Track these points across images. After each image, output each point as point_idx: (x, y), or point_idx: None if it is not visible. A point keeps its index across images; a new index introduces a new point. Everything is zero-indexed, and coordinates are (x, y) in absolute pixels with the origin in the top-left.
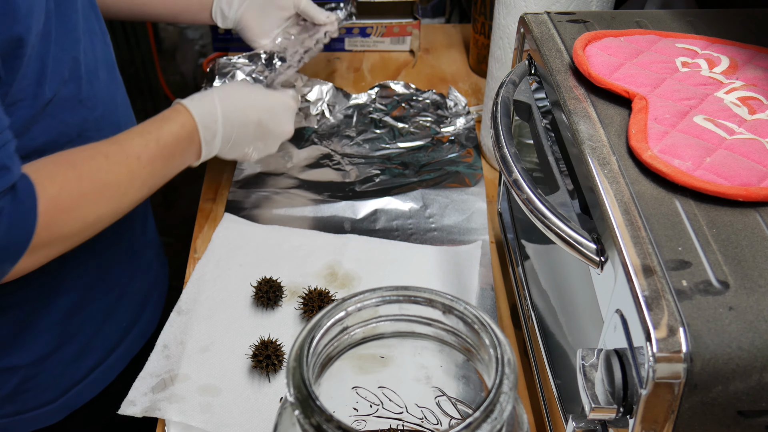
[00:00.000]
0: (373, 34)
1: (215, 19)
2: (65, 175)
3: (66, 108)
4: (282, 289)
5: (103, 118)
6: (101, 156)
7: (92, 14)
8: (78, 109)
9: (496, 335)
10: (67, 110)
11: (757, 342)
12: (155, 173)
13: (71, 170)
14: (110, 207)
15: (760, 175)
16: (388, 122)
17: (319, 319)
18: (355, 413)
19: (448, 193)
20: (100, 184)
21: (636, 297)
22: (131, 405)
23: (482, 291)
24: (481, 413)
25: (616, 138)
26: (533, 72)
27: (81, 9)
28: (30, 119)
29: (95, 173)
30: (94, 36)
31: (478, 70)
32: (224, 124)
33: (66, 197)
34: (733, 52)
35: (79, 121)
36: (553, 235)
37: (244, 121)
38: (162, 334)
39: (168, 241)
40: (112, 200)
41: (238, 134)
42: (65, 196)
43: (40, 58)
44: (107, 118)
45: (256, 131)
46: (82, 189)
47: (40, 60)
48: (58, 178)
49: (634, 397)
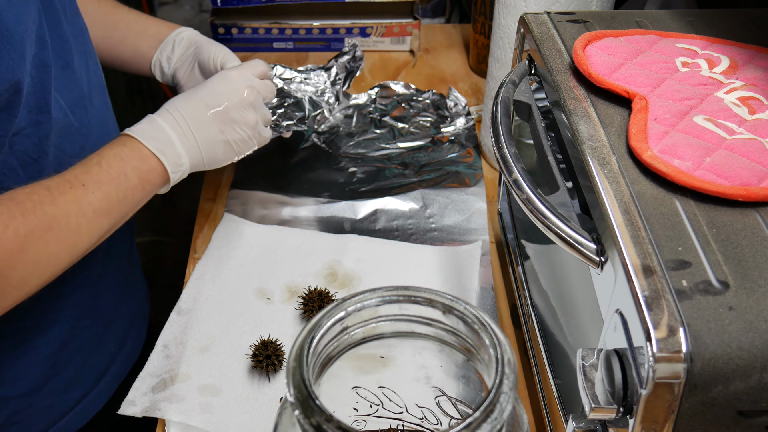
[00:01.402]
0: (373, 34)
1: (154, 72)
2: (9, 212)
3: (64, 136)
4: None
5: (97, 145)
6: (43, 189)
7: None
8: (76, 136)
9: (496, 335)
10: (66, 138)
11: (757, 342)
12: (109, 198)
13: (15, 206)
14: (63, 245)
15: (760, 175)
16: (388, 122)
17: (319, 319)
18: (355, 413)
19: (448, 193)
20: (47, 218)
21: (636, 297)
22: (131, 405)
23: (482, 291)
24: (481, 413)
25: (616, 138)
26: (533, 72)
27: (73, 36)
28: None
29: (40, 206)
30: (90, 59)
31: (478, 70)
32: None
33: (12, 237)
34: (733, 52)
35: (78, 150)
36: (553, 235)
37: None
38: (162, 334)
39: (168, 241)
40: (64, 236)
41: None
42: (11, 235)
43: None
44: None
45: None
46: (29, 225)
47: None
48: (2, 217)
49: (634, 397)
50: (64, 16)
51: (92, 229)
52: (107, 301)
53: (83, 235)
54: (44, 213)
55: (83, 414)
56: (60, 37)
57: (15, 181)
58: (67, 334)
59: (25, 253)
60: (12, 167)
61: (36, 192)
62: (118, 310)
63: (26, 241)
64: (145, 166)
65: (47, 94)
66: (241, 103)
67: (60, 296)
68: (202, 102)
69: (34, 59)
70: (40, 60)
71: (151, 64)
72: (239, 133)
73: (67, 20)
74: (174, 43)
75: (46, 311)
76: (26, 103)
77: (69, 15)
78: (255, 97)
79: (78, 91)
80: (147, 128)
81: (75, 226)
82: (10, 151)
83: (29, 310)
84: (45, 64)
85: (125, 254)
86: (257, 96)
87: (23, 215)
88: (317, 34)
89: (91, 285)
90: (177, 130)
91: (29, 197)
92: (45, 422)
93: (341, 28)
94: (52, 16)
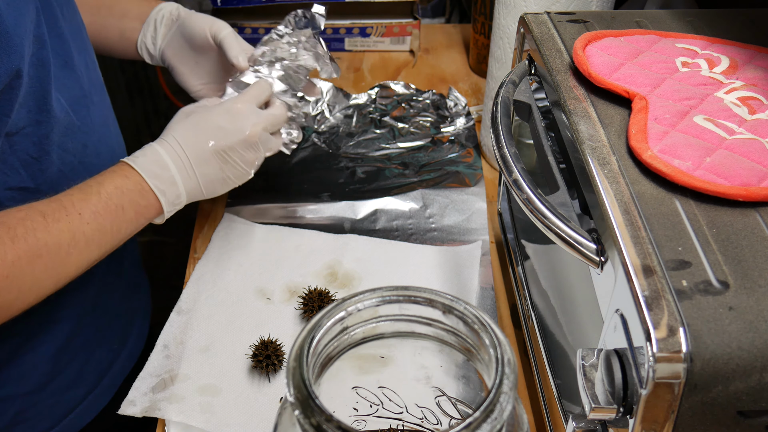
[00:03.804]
0: (373, 34)
1: (141, 55)
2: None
3: (67, 135)
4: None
5: (99, 143)
6: (38, 215)
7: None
8: (78, 135)
9: (496, 335)
10: (68, 137)
11: (757, 342)
12: (103, 230)
13: (4, 231)
14: (50, 272)
15: (760, 175)
16: (388, 122)
17: (319, 319)
18: (355, 413)
19: (448, 193)
20: (38, 245)
21: (636, 297)
22: (131, 405)
23: (482, 291)
24: (481, 413)
25: (616, 138)
26: (533, 72)
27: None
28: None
29: (32, 233)
30: (88, 57)
31: (478, 70)
32: (178, 167)
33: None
34: (733, 52)
35: (80, 148)
36: (553, 235)
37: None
38: (162, 334)
39: (168, 241)
40: (53, 264)
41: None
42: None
43: (40, 84)
44: (103, 142)
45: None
46: (17, 251)
47: (40, 86)
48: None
49: (634, 397)
50: (61, 14)
51: (81, 260)
52: (109, 298)
53: (72, 266)
54: (35, 240)
55: (87, 412)
56: (58, 36)
57: (16, 181)
58: (71, 332)
59: (9, 280)
60: (13, 166)
61: (30, 217)
62: (120, 307)
63: (13, 267)
64: (144, 201)
65: (47, 93)
66: (245, 143)
67: (63, 295)
68: (206, 138)
69: (32, 59)
70: (38, 59)
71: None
72: (238, 170)
73: (64, 19)
74: (155, 22)
75: (50, 310)
76: (25, 102)
77: (67, 14)
78: (260, 135)
79: (79, 90)
80: (151, 164)
81: (65, 256)
82: (10, 150)
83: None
84: (44, 63)
85: (127, 251)
86: (262, 134)
87: (12, 241)
88: None
89: (94, 283)
90: (179, 165)
91: (22, 223)
92: (50, 420)
93: (341, 28)
94: (50, 15)
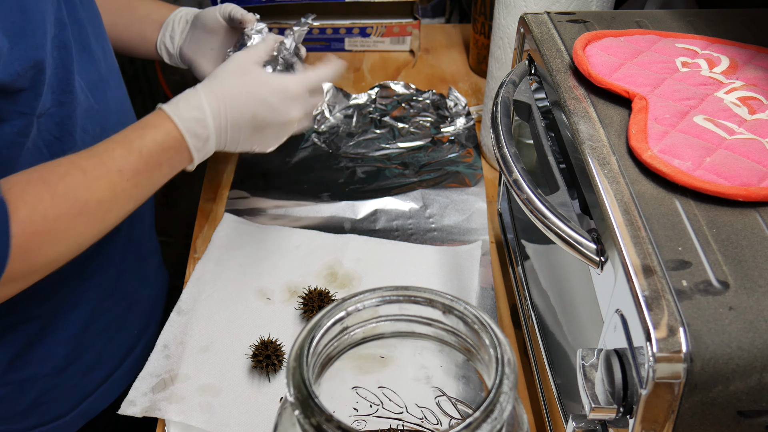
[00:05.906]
0: (373, 34)
1: (161, 54)
2: (39, 195)
3: (87, 118)
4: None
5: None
6: (78, 171)
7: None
8: (96, 118)
9: (496, 335)
10: (88, 120)
11: (757, 342)
12: (140, 185)
13: (45, 189)
14: (91, 228)
15: (760, 175)
16: (388, 122)
17: (319, 319)
18: (355, 413)
19: (448, 193)
20: (79, 203)
21: (636, 297)
22: (131, 405)
23: (482, 291)
24: (481, 413)
25: (616, 138)
26: (533, 72)
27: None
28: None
29: (72, 191)
30: (105, 43)
31: (478, 70)
32: (216, 128)
33: (39, 219)
34: (733, 52)
35: (99, 131)
36: (553, 235)
37: (237, 119)
38: (162, 334)
39: (168, 241)
40: (94, 220)
41: (232, 135)
42: (38, 217)
43: (63, 65)
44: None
45: (252, 125)
46: (58, 209)
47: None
48: (29, 198)
49: (634, 397)
50: (79, 1)
51: (120, 213)
52: (128, 282)
53: (111, 219)
54: (76, 198)
55: (107, 394)
56: (77, 21)
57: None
58: (90, 316)
59: (52, 235)
60: (37, 146)
61: (70, 174)
62: (139, 292)
63: (55, 224)
64: (179, 156)
65: (69, 75)
66: (284, 125)
67: (82, 278)
68: (252, 108)
69: (55, 40)
70: (60, 41)
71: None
72: (264, 143)
73: (82, 5)
74: (173, 23)
75: (70, 294)
76: (49, 83)
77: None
78: (299, 123)
79: (97, 74)
80: (193, 123)
81: (105, 213)
82: (36, 131)
83: (52, 294)
84: (66, 45)
85: (145, 235)
86: (302, 122)
87: (53, 198)
88: (317, 34)
89: (113, 266)
90: (217, 126)
91: (62, 180)
92: (71, 402)
93: (341, 28)
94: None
